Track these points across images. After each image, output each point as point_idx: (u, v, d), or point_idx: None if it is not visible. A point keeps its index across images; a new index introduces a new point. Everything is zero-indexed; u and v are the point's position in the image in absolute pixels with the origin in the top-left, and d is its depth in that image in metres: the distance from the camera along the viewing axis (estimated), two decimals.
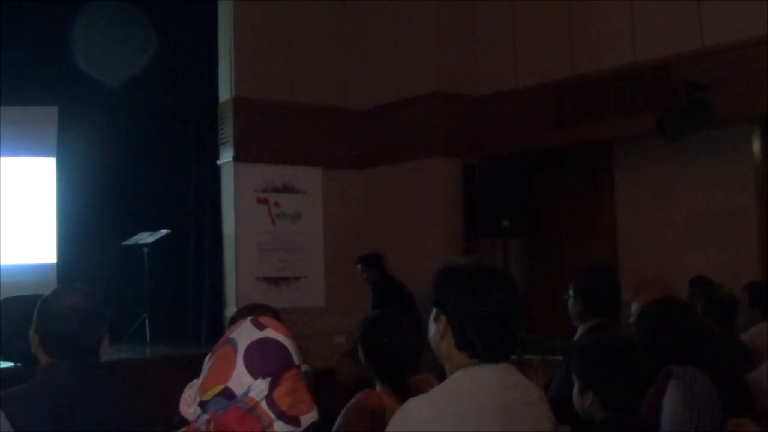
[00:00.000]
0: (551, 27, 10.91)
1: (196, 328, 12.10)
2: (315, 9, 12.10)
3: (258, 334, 2.14)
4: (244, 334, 2.15)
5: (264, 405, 2.03)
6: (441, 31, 11.54)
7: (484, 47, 11.64)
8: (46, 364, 3.31)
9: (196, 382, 2.89)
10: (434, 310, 2.82)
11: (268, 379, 2.06)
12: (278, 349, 2.14)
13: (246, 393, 2.04)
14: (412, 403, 2.72)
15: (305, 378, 2.17)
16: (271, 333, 2.16)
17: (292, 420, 2.05)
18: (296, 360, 2.16)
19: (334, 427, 3.91)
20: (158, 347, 11.27)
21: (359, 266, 10.50)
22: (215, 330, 11.28)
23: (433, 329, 2.82)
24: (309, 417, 2.09)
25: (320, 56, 12.13)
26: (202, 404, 2.09)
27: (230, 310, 10.83)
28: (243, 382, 2.06)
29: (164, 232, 11.78)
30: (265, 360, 2.10)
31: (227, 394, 2.05)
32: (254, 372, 2.07)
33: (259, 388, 2.05)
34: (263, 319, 2.21)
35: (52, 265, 12.20)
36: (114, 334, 11.42)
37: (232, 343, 2.13)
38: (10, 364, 8.24)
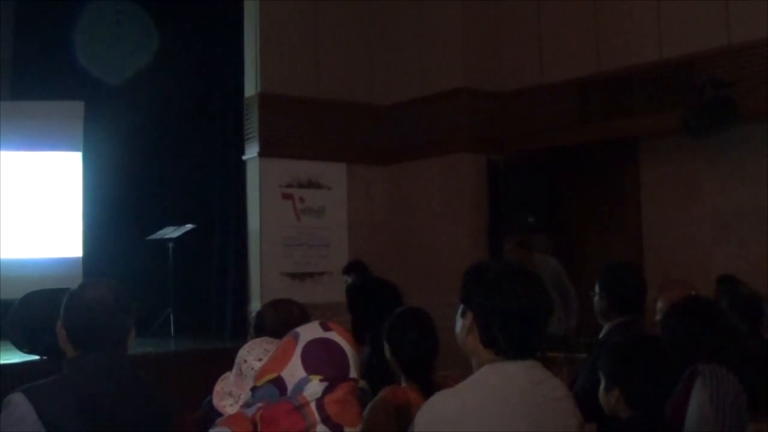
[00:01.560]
0: (576, 23, 10.88)
1: (221, 322, 12.12)
2: (340, 4, 12.10)
3: (321, 334, 2.20)
4: (309, 330, 2.22)
5: (313, 406, 2.07)
6: (466, 26, 11.52)
7: (509, 43, 11.62)
8: (72, 357, 3.35)
9: (228, 376, 2.92)
10: (461, 306, 2.85)
11: (325, 384, 2.10)
12: (336, 353, 2.19)
13: (299, 389, 2.07)
14: (439, 397, 2.74)
15: (361, 393, 2.20)
16: (334, 336, 2.21)
17: (335, 427, 2.09)
18: (354, 372, 2.20)
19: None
20: (182, 341, 11.31)
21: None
22: (239, 325, 11.31)
23: (459, 325, 2.86)
24: (352, 430, 2.11)
25: (345, 52, 12.15)
26: (254, 389, 2.13)
27: (254, 305, 10.86)
28: (295, 374, 2.10)
29: (189, 226, 11.82)
30: (322, 359, 2.14)
31: (278, 383, 2.10)
32: (308, 367, 2.11)
33: (314, 389, 2.09)
34: (331, 324, 2.27)
35: (77, 259, 12.25)
36: (139, 328, 11.52)
37: (295, 336, 2.20)
38: (36, 357, 8.32)
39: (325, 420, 2.06)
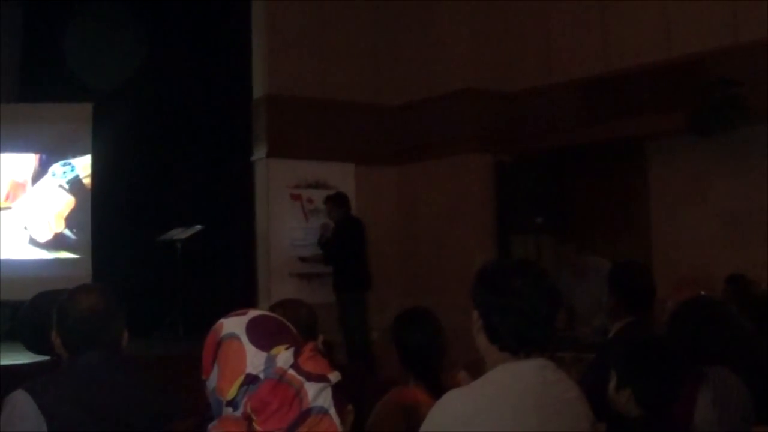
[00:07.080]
0: (584, 23, 10.87)
1: None
2: (348, 5, 12.11)
3: (246, 318, 2.21)
4: (235, 325, 2.21)
5: (291, 371, 2.06)
6: (473, 26, 11.52)
7: (517, 43, 11.61)
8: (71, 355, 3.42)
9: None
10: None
11: (292, 349, 2.10)
12: (275, 322, 2.23)
13: (272, 366, 2.07)
14: (451, 396, 2.75)
15: (322, 347, 2.22)
16: (254, 312, 2.24)
17: (321, 378, 2.08)
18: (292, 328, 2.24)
19: (367, 424, 3.91)
20: (191, 343, 11.29)
21: (327, 205, 11.13)
22: None
23: (474, 326, 2.85)
24: (334, 375, 2.11)
25: (353, 52, 12.16)
26: (231, 403, 2.11)
27: (263, 305, 10.84)
28: (259, 361, 2.10)
29: (198, 227, 11.79)
30: (270, 333, 2.16)
31: (250, 380, 2.08)
32: (265, 346, 2.11)
33: (285, 357, 2.09)
34: (235, 312, 2.27)
35: (86, 259, 12.26)
36: (147, 329, 11.50)
37: (232, 337, 2.18)
38: (47, 357, 8.32)
39: (309, 377, 2.06)
